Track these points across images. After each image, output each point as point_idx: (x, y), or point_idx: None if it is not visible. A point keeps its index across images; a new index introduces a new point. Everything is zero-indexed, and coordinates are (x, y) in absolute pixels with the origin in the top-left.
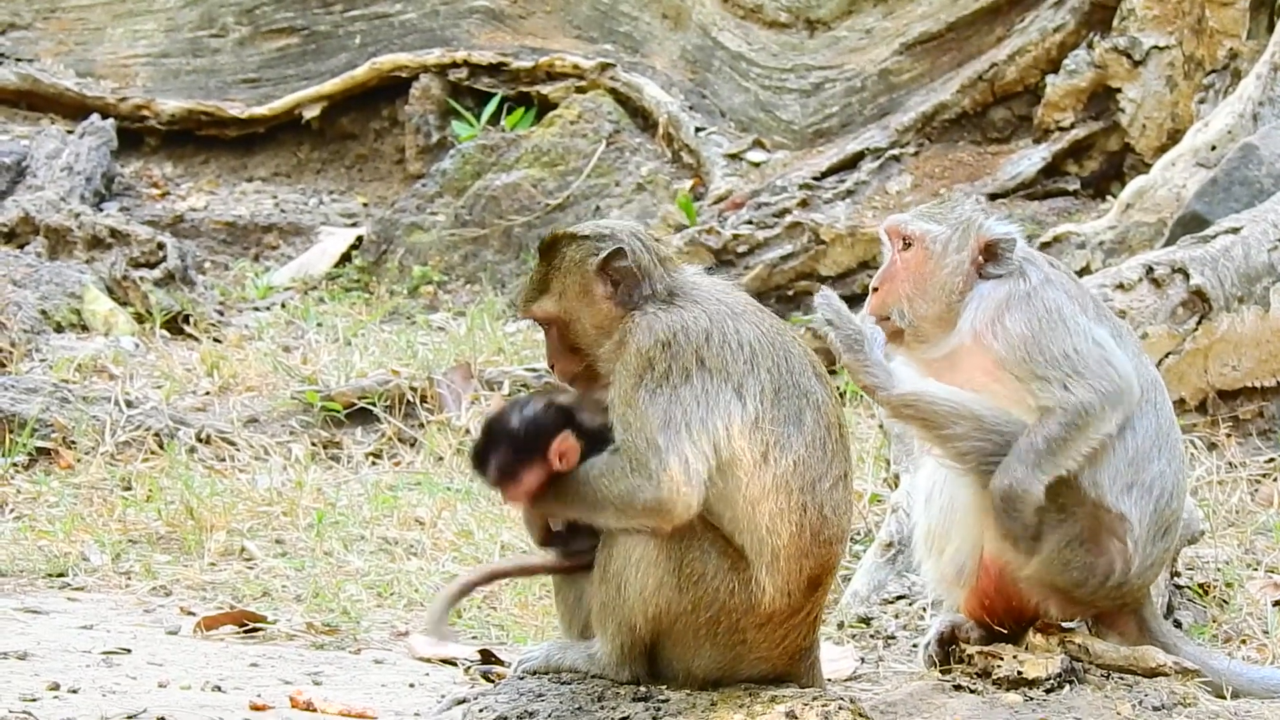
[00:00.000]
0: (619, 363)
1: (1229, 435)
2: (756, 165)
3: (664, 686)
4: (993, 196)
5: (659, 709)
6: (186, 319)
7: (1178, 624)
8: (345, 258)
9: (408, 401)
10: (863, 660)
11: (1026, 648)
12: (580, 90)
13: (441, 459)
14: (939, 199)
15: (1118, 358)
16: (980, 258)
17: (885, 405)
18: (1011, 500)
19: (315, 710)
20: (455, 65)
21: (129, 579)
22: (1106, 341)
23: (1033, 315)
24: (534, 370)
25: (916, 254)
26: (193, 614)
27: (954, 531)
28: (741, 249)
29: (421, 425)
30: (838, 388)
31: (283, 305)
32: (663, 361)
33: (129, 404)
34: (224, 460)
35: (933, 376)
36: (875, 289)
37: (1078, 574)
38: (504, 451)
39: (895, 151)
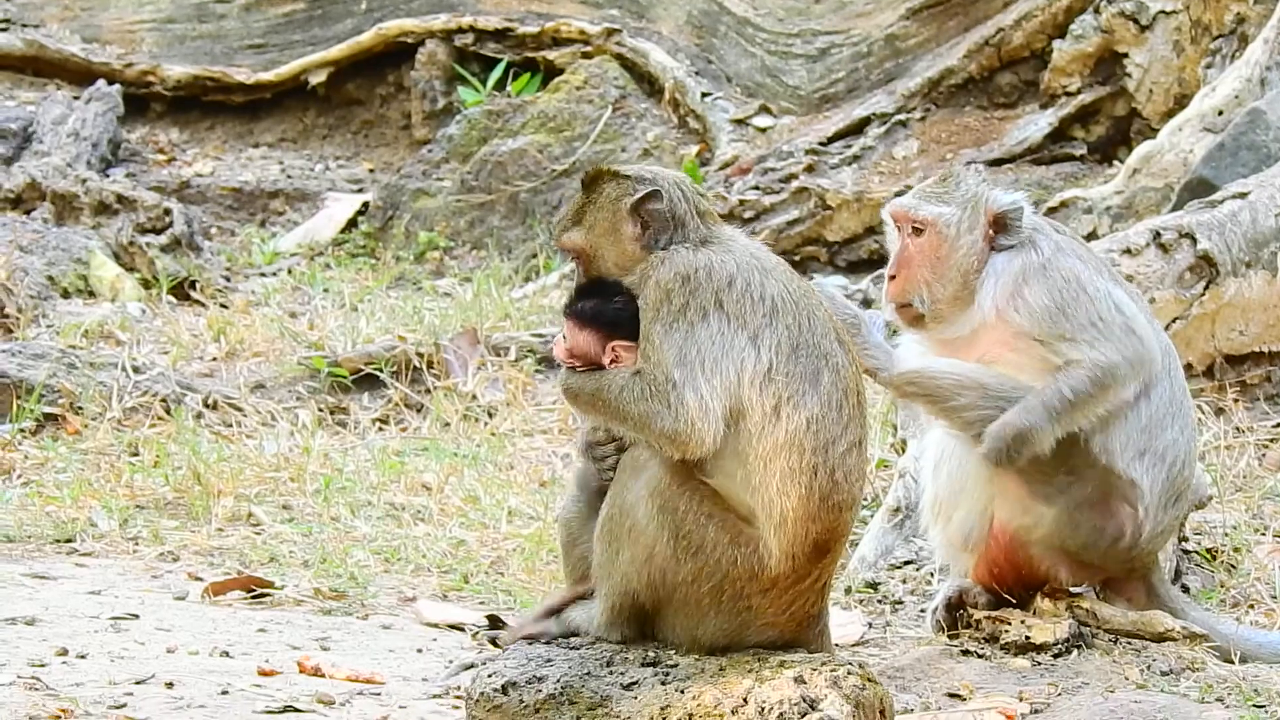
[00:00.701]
0: (640, 298)
1: (1236, 400)
2: (763, 131)
3: (672, 651)
4: (999, 162)
5: (667, 674)
6: (193, 285)
7: (1185, 589)
8: (351, 223)
9: (414, 367)
10: (870, 625)
11: (1034, 613)
12: (586, 56)
13: (448, 424)
14: (941, 173)
15: (1140, 323)
16: (990, 231)
17: (888, 386)
18: (1020, 441)
19: (323, 675)
20: (461, 31)
21: (136, 545)
22: (1127, 307)
23: (1052, 286)
24: (540, 335)
25: (930, 239)
26: (200, 579)
27: (963, 498)
28: (748, 214)
29: (428, 391)
30: None
31: (289, 271)
32: (680, 296)
33: (136, 370)
34: (231, 426)
35: (950, 354)
36: (892, 277)
37: (1086, 537)
38: (594, 307)
39: (902, 117)
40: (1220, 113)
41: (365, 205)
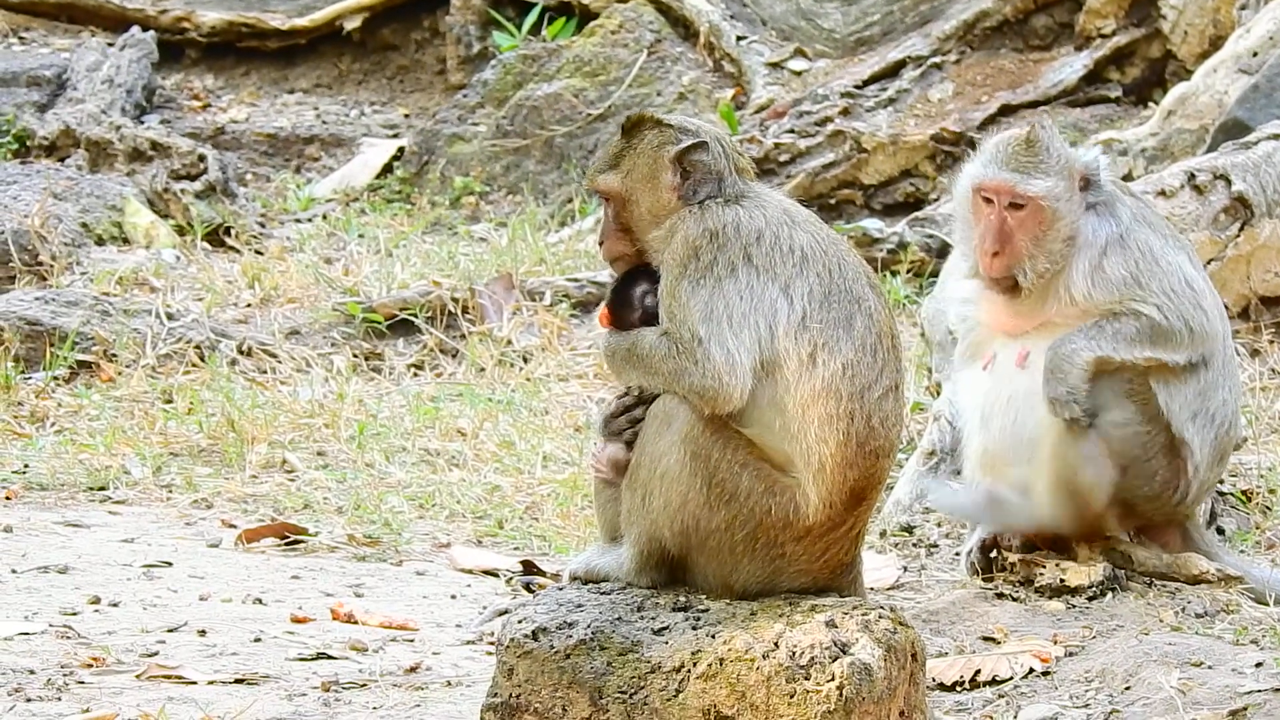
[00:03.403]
0: (667, 251)
1: (1272, 341)
2: (798, 74)
3: (704, 596)
4: (1034, 104)
5: (698, 619)
6: (228, 231)
7: (1221, 531)
8: (387, 169)
9: (449, 313)
10: (905, 569)
11: (1069, 556)
12: (621, 0)
13: (483, 370)
14: (1025, 138)
15: (1207, 300)
16: (1080, 191)
17: None
18: (1060, 362)
19: (356, 622)
20: None
21: (170, 492)
22: (1197, 282)
23: (1129, 259)
24: (575, 280)
25: (1033, 212)
26: (234, 527)
27: (1019, 454)
28: (783, 158)
29: (463, 336)
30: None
31: (324, 217)
32: (708, 252)
33: (170, 316)
34: (265, 373)
35: (1011, 319)
36: (995, 253)
37: (1143, 491)
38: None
39: (937, 59)
40: (1255, 54)
41: (400, 150)
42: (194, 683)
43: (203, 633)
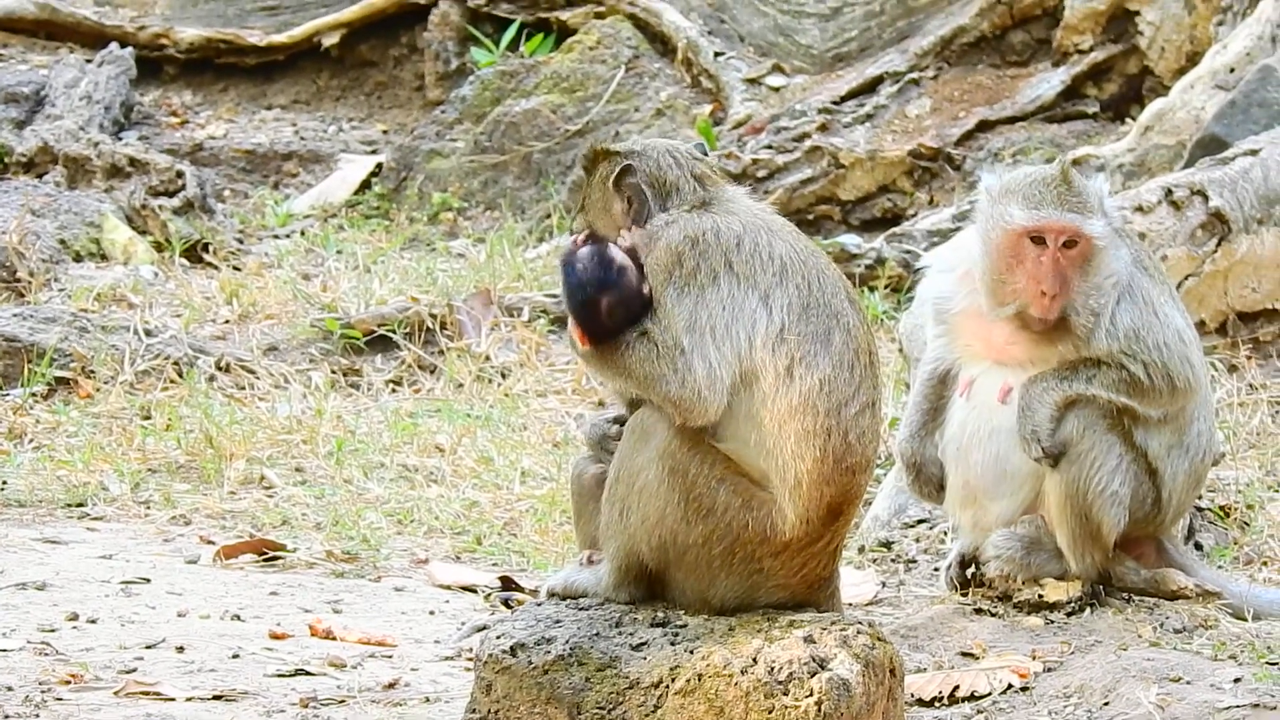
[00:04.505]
0: (650, 257)
1: (1249, 357)
2: (776, 90)
3: (682, 612)
4: (1012, 120)
5: (677, 634)
6: (206, 247)
7: (1199, 546)
8: (365, 185)
9: (427, 328)
10: (884, 584)
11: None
12: (599, 15)
13: (461, 386)
14: (1059, 176)
15: (1194, 353)
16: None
17: None
18: (1030, 400)
19: (334, 638)
20: None
21: (148, 508)
22: (1186, 333)
23: (1136, 310)
24: (554, 296)
25: (1084, 252)
26: (212, 543)
27: (1004, 489)
28: (761, 173)
29: (441, 352)
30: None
31: (302, 233)
32: (691, 259)
33: (148, 333)
34: (244, 388)
35: (1008, 347)
36: (1054, 295)
37: (1119, 517)
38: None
39: (914, 75)
40: (1232, 70)
41: (378, 167)
42: (172, 699)
43: (181, 649)
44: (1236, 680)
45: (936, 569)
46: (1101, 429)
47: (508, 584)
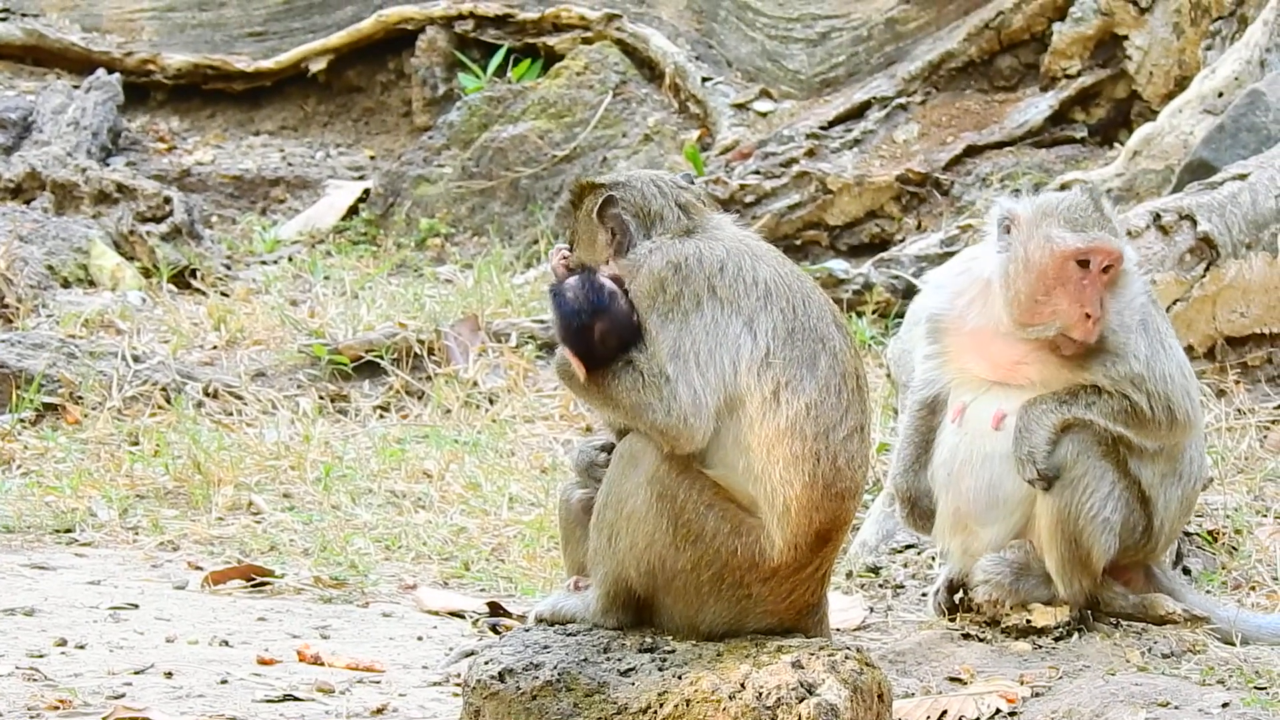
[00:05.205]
0: (634, 284)
1: (1237, 382)
2: (763, 115)
3: (670, 637)
4: (1000, 145)
5: (665, 660)
6: (193, 273)
7: (1187, 571)
8: (352, 211)
9: (415, 354)
10: (871, 610)
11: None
12: (586, 41)
13: (449, 411)
14: (1088, 201)
15: (1194, 387)
16: None
17: None
18: (1029, 422)
19: (323, 664)
20: (461, 17)
21: (136, 534)
22: (1186, 368)
23: (1148, 339)
24: (541, 322)
25: (1115, 274)
26: (200, 569)
27: (995, 516)
28: (749, 199)
29: (429, 378)
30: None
31: (290, 259)
32: (674, 285)
33: (136, 359)
34: (231, 414)
35: (1017, 365)
36: (1096, 319)
37: (1111, 544)
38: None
39: (902, 100)
40: (1220, 94)
41: (366, 192)
42: None
43: (169, 674)
44: (1225, 705)
45: (924, 594)
46: (1096, 455)
47: (496, 609)
